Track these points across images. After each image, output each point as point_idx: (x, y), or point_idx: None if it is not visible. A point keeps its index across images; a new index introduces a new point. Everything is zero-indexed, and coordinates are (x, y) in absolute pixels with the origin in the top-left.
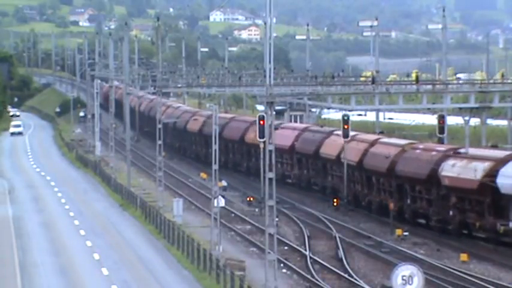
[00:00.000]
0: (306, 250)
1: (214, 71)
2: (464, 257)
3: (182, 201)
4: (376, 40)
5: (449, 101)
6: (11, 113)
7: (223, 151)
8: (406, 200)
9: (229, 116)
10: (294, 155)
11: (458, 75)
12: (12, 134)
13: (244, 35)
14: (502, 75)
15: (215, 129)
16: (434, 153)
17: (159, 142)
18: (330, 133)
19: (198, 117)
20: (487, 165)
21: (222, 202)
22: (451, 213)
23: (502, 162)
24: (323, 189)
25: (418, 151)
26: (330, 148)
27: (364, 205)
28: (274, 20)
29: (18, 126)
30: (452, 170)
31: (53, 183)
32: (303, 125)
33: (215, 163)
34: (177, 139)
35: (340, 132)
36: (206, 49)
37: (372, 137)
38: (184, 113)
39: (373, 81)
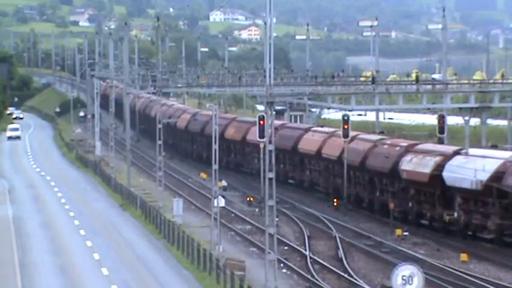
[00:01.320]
0: (306, 250)
1: (214, 71)
2: (464, 257)
3: (182, 201)
4: (376, 40)
5: (449, 101)
6: (14, 115)
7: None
8: (375, 192)
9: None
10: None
11: (433, 76)
12: (9, 138)
13: (244, 35)
14: (502, 75)
15: (215, 129)
16: (397, 148)
17: (159, 142)
18: (308, 129)
19: (186, 115)
20: (436, 159)
21: (222, 202)
22: (410, 204)
23: (449, 156)
24: (301, 182)
25: (385, 146)
26: (308, 144)
27: (345, 198)
28: (274, 20)
29: (16, 129)
30: (409, 164)
31: (53, 183)
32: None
33: (215, 163)
34: (170, 136)
35: (318, 129)
36: (206, 49)
37: (351, 133)
38: (177, 110)
39: (373, 81)
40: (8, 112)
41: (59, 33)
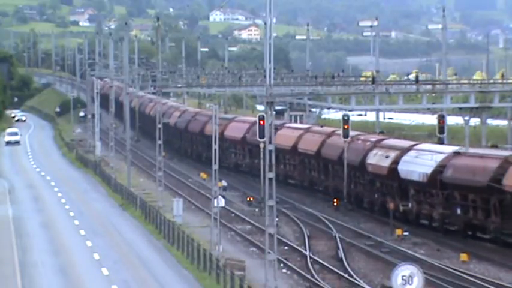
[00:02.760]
0: (306, 250)
1: (214, 71)
2: (464, 257)
3: (182, 201)
4: (376, 40)
5: (449, 101)
6: (16, 118)
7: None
8: (351, 185)
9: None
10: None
11: (410, 76)
12: (8, 143)
13: (244, 35)
14: (502, 75)
15: (215, 129)
16: (368, 143)
17: (159, 142)
18: (282, 126)
19: (177, 113)
20: (395, 153)
21: (222, 202)
22: (375, 196)
23: (405, 151)
24: (276, 176)
25: (359, 142)
26: (285, 139)
27: (322, 190)
28: (274, 20)
29: (15, 134)
30: (374, 158)
31: (53, 183)
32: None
33: (215, 163)
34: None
35: (292, 125)
36: (206, 49)
37: (328, 129)
38: (169, 108)
39: (373, 81)
40: (13, 115)
41: (59, 33)
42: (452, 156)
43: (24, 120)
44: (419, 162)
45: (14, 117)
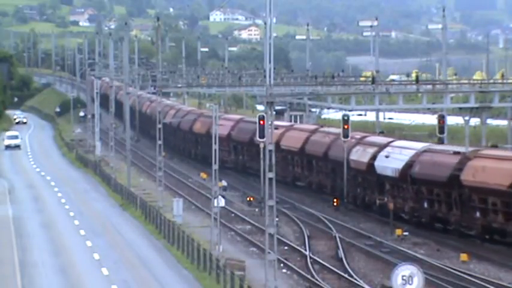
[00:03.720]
0: (306, 250)
1: (214, 71)
2: (464, 257)
3: (182, 201)
4: (376, 40)
5: (449, 101)
6: (17, 119)
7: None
8: (337, 179)
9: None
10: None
11: (392, 77)
12: (7, 147)
13: (244, 35)
14: (502, 75)
15: (215, 129)
16: (353, 140)
17: (159, 142)
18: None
19: (172, 111)
20: (373, 150)
21: (222, 202)
22: (358, 190)
23: (382, 147)
24: (257, 171)
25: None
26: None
27: (305, 185)
28: (274, 20)
29: (15, 137)
30: (356, 154)
31: (53, 183)
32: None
33: (215, 163)
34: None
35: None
36: (206, 49)
37: (311, 127)
38: (165, 107)
39: (373, 81)
40: (15, 118)
41: (59, 33)
42: (420, 153)
43: (25, 123)
44: (393, 159)
45: (15, 119)
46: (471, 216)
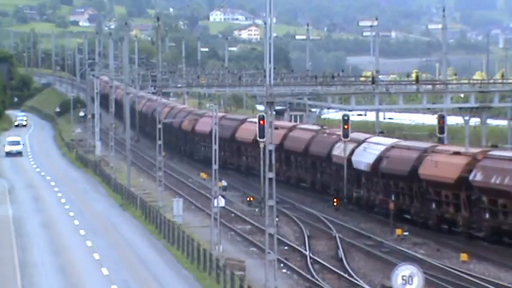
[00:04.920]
0: (306, 250)
1: (214, 71)
2: (464, 257)
3: (182, 201)
4: (376, 40)
5: (449, 101)
6: (16, 122)
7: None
8: (317, 174)
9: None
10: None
11: (380, 76)
12: (8, 154)
13: (244, 35)
14: (502, 75)
15: (215, 129)
16: (334, 137)
17: (159, 142)
18: (244, 120)
19: (166, 109)
20: (351, 146)
21: (222, 202)
22: (340, 184)
23: (360, 143)
24: (238, 167)
25: (325, 135)
26: (245, 133)
27: (284, 180)
28: (274, 20)
29: (16, 143)
30: (337, 150)
31: (53, 183)
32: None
33: (215, 163)
34: (152, 128)
35: (253, 119)
36: (206, 49)
37: (290, 124)
38: (159, 105)
39: (373, 81)
40: (15, 121)
41: (59, 33)
42: (389, 148)
43: (25, 125)
44: (367, 154)
45: (14, 121)
46: (428, 208)
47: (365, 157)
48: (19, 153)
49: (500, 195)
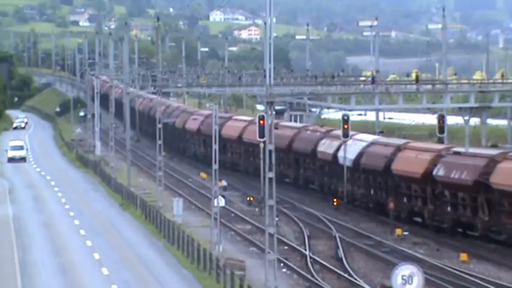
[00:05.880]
0: (306, 250)
1: (214, 71)
2: (464, 256)
3: (182, 201)
4: (376, 40)
5: (449, 101)
6: (14, 124)
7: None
8: (300, 170)
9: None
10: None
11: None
12: (11, 159)
13: (244, 35)
14: (502, 75)
15: (215, 129)
16: (318, 133)
17: (159, 142)
18: (229, 118)
19: (162, 108)
20: (337, 143)
21: (222, 202)
22: (325, 179)
23: (345, 141)
24: (223, 163)
25: (308, 132)
26: (231, 129)
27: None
28: (274, 20)
29: (20, 148)
30: (322, 147)
31: (53, 183)
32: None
33: (215, 163)
34: (149, 126)
35: (239, 117)
36: (206, 49)
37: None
38: (156, 104)
39: (373, 81)
40: (14, 124)
41: (59, 33)
42: (368, 145)
43: (24, 127)
44: (351, 150)
45: (12, 123)
46: (400, 202)
47: (349, 153)
48: (23, 159)
49: (460, 189)
